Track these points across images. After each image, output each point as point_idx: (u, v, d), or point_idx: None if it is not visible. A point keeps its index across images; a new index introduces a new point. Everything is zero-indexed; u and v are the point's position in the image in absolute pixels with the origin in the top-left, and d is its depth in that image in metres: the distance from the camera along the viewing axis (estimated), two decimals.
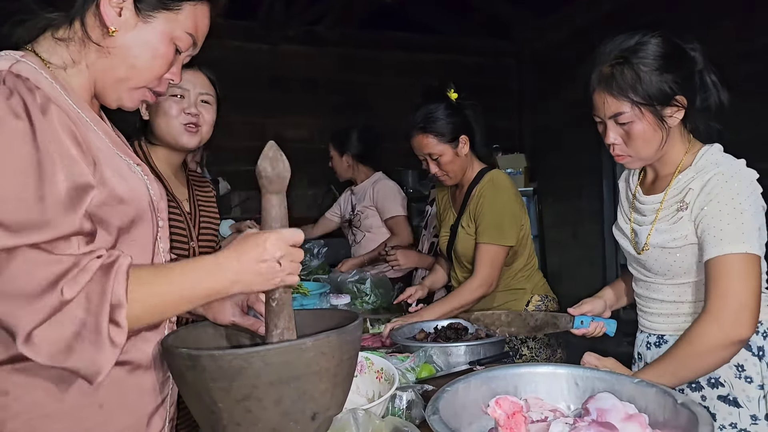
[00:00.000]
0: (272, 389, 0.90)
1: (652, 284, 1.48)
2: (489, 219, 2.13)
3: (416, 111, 2.21)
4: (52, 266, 0.81)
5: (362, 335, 1.43)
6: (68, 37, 0.99)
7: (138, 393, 1.01)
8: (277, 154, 0.95)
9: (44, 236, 0.82)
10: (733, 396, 1.36)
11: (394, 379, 1.26)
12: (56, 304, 0.80)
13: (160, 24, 0.99)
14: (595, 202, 4.88)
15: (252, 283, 0.94)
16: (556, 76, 5.20)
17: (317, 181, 5.30)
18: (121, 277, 0.85)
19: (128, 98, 1.04)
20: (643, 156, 1.41)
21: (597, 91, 1.39)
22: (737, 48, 3.49)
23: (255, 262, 0.93)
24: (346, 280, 2.73)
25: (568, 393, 1.14)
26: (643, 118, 1.35)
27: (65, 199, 0.85)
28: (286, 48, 5.16)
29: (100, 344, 0.82)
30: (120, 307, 0.84)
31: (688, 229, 1.36)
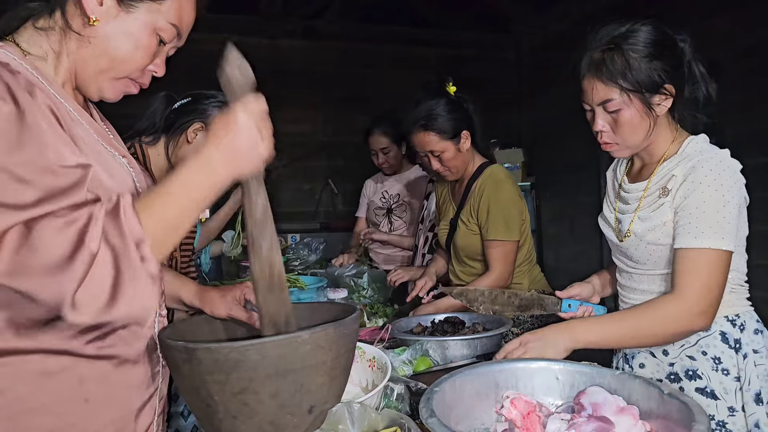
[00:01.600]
0: (269, 382, 0.90)
1: (635, 274, 1.49)
2: (496, 215, 2.12)
3: (416, 107, 2.17)
4: (72, 225, 0.80)
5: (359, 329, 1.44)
6: (49, 27, 0.98)
7: (125, 388, 1.00)
8: (242, 59, 0.94)
9: (63, 203, 0.81)
10: (710, 388, 1.37)
11: (388, 368, 1.27)
12: (88, 260, 0.79)
13: (142, 14, 0.98)
14: (593, 197, 4.88)
15: (242, 163, 0.92)
16: (555, 70, 5.17)
17: (315, 175, 5.31)
18: (131, 213, 0.84)
19: (110, 89, 1.03)
20: (630, 144, 1.42)
21: (587, 77, 1.39)
22: (738, 42, 3.48)
23: (235, 141, 0.91)
24: (344, 275, 2.74)
25: (548, 388, 1.14)
26: (631, 105, 1.36)
27: (76, 170, 0.85)
28: (286, 42, 5.15)
29: (139, 283, 0.82)
30: (143, 241, 0.83)
31: (668, 216, 1.36)
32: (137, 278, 0.82)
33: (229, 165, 0.91)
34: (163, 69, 1.07)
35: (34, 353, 0.90)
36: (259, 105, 0.93)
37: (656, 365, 1.46)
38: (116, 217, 0.83)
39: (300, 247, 3.30)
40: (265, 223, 0.98)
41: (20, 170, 0.80)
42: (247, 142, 0.91)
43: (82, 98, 1.06)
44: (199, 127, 1.88)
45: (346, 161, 5.33)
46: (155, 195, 0.90)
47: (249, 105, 0.92)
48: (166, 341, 0.96)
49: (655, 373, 1.46)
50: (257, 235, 0.97)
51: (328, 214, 5.32)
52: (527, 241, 2.29)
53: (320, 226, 4.95)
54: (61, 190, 0.82)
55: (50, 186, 0.81)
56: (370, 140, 3.25)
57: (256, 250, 0.98)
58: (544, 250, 5.30)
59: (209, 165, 0.90)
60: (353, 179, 5.23)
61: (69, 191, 0.83)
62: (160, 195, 0.89)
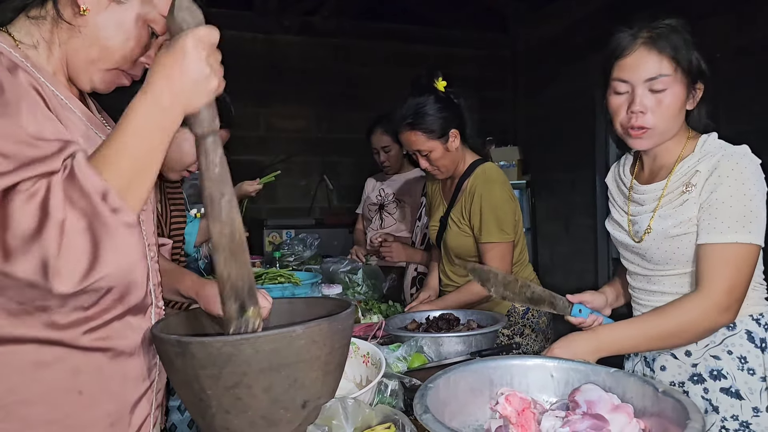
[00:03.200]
0: (262, 377, 0.90)
1: (652, 276, 1.47)
2: (488, 217, 2.09)
3: (404, 105, 2.11)
4: (34, 198, 0.77)
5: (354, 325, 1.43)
6: (40, 16, 0.97)
7: (121, 380, 1.00)
8: (191, 2, 0.89)
9: (34, 171, 0.79)
10: (735, 388, 1.35)
11: (381, 363, 1.26)
12: (57, 229, 0.76)
13: (134, 5, 0.98)
14: (588, 196, 4.89)
15: (191, 95, 0.86)
16: (551, 68, 5.20)
17: (310, 171, 5.30)
18: (86, 168, 0.80)
19: (101, 80, 1.02)
20: (664, 129, 1.37)
21: (639, 50, 1.34)
22: (734, 42, 3.49)
23: (183, 73, 0.85)
24: (338, 270, 2.74)
25: (543, 385, 1.14)
26: (679, 86, 1.34)
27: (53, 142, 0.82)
28: (282, 38, 5.14)
29: (116, 235, 0.80)
30: (108, 192, 0.80)
31: (693, 211, 1.34)
32: (113, 231, 0.80)
33: (179, 97, 0.85)
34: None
35: (28, 343, 0.90)
36: (210, 33, 0.87)
37: (678, 367, 1.44)
38: (73, 178, 0.79)
39: (295, 243, 3.29)
40: (224, 181, 0.90)
41: None
42: (197, 72, 0.85)
43: (77, 90, 1.06)
44: None
45: (341, 157, 5.32)
46: (110, 145, 0.85)
47: (198, 33, 0.86)
48: (159, 335, 0.95)
49: (677, 376, 1.43)
50: (215, 194, 0.90)
51: (323, 210, 5.32)
52: (520, 241, 2.26)
53: (315, 222, 4.94)
54: (35, 159, 0.79)
55: (25, 156, 0.79)
56: (372, 138, 3.26)
57: (215, 210, 0.90)
58: (539, 249, 5.31)
59: (157, 100, 0.85)
60: (348, 175, 5.24)
61: (43, 160, 0.80)
62: (115, 143, 0.85)
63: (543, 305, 1.53)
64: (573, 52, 4.81)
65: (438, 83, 2.14)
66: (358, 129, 3.38)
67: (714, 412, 1.36)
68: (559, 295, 1.55)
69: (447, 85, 2.15)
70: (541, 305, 1.53)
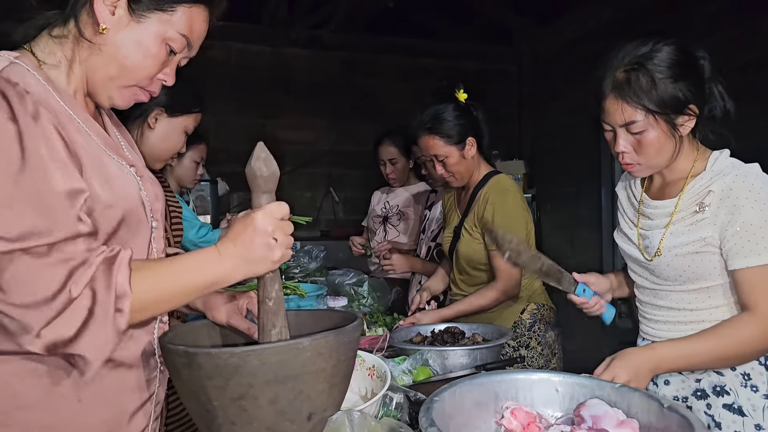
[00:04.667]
0: (268, 388, 0.90)
1: (660, 291, 1.47)
2: (501, 223, 2.10)
3: (424, 111, 2.17)
4: (61, 266, 0.83)
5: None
6: (63, 35, 1.00)
7: (119, 390, 1.01)
8: (268, 155, 0.96)
9: (50, 238, 0.84)
10: (738, 405, 1.35)
11: (387, 376, 1.26)
12: (65, 303, 0.82)
13: (152, 24, 1.00)
14: (593, 209, 4.88)
15: (252, 264, 0.94)
16: (556, 82, 5.22)
17: (317, 183, 5.32)
18: (124, 269, 0.87)
19: (119, 96, 1.05)
20: (654, 164, 1.40)
21: (610, 97, 1.36)
22: (737, 58, 3.50)
23: (250, 242, 0.93)
24: (344, 283, 2.74)
25: (548, 399, 1.14)
26: (657, 126, 1.33)
27: (64, 202, 0.87)
28: (289, 51, 5.17)
29: (105, 330, 0.85)
30: (125, 296, 0.86)
31: (707, 232, 1.34)
32: (105, 327, 0.85)
33: (241, 263, 0.94)
34: (173, 78, 1.09)
35: (27, 354, 0.91)
36: (280, 210, 0.95)
37: (681, 382, 1.44)
38: (110, 268, 0.86)
39: (300, 255, 3.30)
40: (277, 313, 1.00)
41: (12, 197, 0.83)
42: (261, 246, 0.93)
43: (94, 106, 1.08)
44: (159, 111, 1.87)
45: (347, 170, 5.34)
46: (161, 264, 0.94)
47: (269, 210, 0.94)
48: (167, 345, 0.96)
49: (680, 391, 1.44)
50: (267, 325, 1.00)
51: (328, 222, 5.32)
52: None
53: (321, 233, 4.95)
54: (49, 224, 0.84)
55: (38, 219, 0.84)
56: (380, 150, 3.30)
57: (265, 338, 1.00)
58: None
59: (221, 258, 0.93)
60: (354, 188, 5.25)
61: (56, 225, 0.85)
62: (166, 266, 0.93)
63: (550, 279, 1.51)
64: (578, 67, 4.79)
65: (459, 94, 2.20)
66: (365, 141, 3.41)
67: (717, 428, 1.36)
68: (566, 272, 1.54)
69: (468, 98, 2.20)
70: (549, 278, 1.51)
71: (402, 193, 3.37)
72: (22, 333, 0.83)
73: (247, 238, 0.93)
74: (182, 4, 1.01)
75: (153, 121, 1.88)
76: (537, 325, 2.20)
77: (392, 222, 3.35)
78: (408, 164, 3.30)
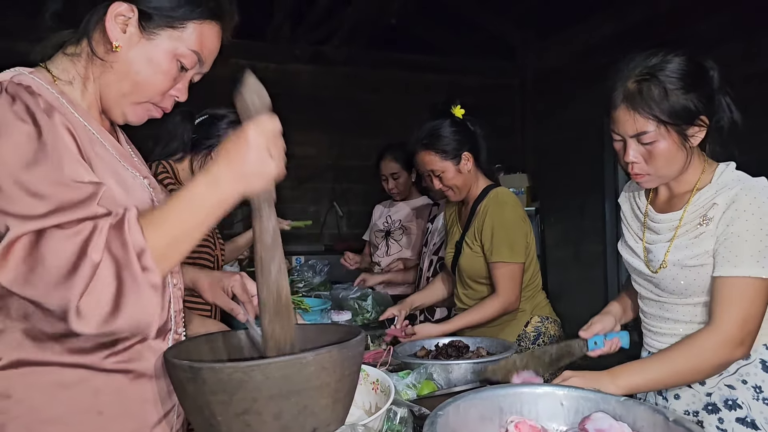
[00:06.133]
0: (272, 403, 0.90)
1: (665, 304, 1.46)
2: (499, 237, 2.11)
3: (421, 127, 2.21)
4: (75, 237, 0.82)
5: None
6: (76, 53, 1.02)
7: (140, 402, 1.01)
8: (260, 84, 0.95)
9: (72, 216, 0.83)
10: (751, 418, 1.34)
11: (391, 391, 1.26)
12: (90, 270, 0.81)
13: (163, 41, 1.01)
14: (597, 222, 4.88)
15: (250, 181, 0.92)
16: (559, 96, 5.24)
17: (319, 198, 5.34)
18: (135, 225, 0.86)
19: (132, 113, 1.06)
20: (663, 175, 1.39)
21: (621, 108, 1.35)
22: (741, 71, 3.51)
23: (244, 158, 0.90)
24: (348, 297, 2.74)
25: (553, 413, 1.14)
26: (668, 137, 1.33)
27: (88, 186, 0.87)
28: (293, 67, 5.21)
29: (141, 292, 0.84)
30: (144, 252, 0.85)
31: (711, 245, 1.34)
32: (139, 288, 0.84)
33: (238, 182, 0.91)
34: (185, 94, 1.10)
35: (52, 365, 0.93)
36: (272, 124, 0.93)
37: (692, 396, 1.43)
38: (120, 229, 0.85)
39: (304, 269, 3.31)
40: (275, 248, 0.98)
41: (35, 185, 0.83)
42: (257, 160, 0.91)
43: (109, 123, 1.10)
44: None
45: (351, 184, 5.36)
46: (162, 209, 0.91)
47: (262, 124, 0.92)
48: (171, 360, 0.96)
49: (691, 405, 1.43)
50: (266, 259, 0.97)
51: (332, 236, 5.33)
52: (532, 265, 2.27)
53: (325, 248, 4.96)
54: (73, 203, 0.84)
55: (62, 199, 0.84)
56: (382, 165, 3.31)
57: (265, 273, 0.98)
58: (549, 275, 5.28)
59: (217, 181, 0.91)
60: (358, 202, 5.26)
61: (80, 204, 0.85)
62: (167, 209, 0.91)
63: (564, 359, 1.55)
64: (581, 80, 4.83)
65: (456, 110, 2.23)
66: (368, 156, 3.43)
67: None
68: (572, 340, 1.56)
69: (465, 113, 2.23)
70: (563, 360, 1.55)
71: (404, 207, 3.38)
72: (65, 312, 0.81)
73: (241, 154, 0.90)
74: (192, 20, 1.03)
75: None
76: (541, 338, 2.19)
77: (395, 236, 3.35)
78: (410, 178, 3.32)
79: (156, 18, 1.00)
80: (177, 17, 1.01)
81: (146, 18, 1.00)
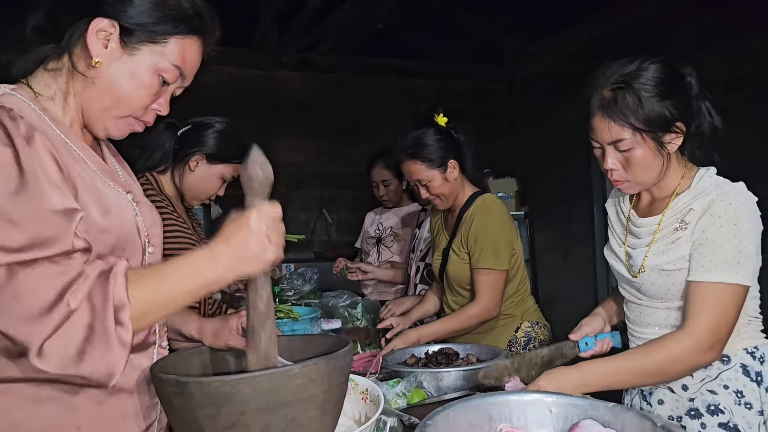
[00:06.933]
0: (260, 416, 0.89)
1: (646, 308, 1.48)
2: (484, 244, 2.12)
3: (405, 137, 2.20)
4: (58, 278, 0.83)
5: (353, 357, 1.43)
6: (58, 68, 1.02)
7: (119, 417, 1.01)
8: (264, 159, 0.97)
9: (49, 251, 0.84)
10: (733, 423, 1.35)
11: (380, 400, 1.26)
12: (64, 315, 0.82)
13: (145, 56, 1.01)
14: (586, 226, 4.91)
15: (246, 265, 0.94)
16: (547, 101, 5.27)
17: (310, 205, 5.33)
18: (121, 279, 0.87)
19: (114, 127, 1.06)
20: (642, 181, 1.41)
21: (597, 116, 1.37)
22: (725, 75, 3.55)
23: (243, 242, 0.93)
24: (338, 305, 2.73)
25: (542, 421, 1.13)
26: (644, 144, 1.34)
27: (60, 219, 0.87)
28: (280, 74, 5.21)
29: (109, 345, 0.85)
30: (123, 308, 0.86)
31: (687, 250, 1.35)
32: (108, 341, 0.85)
33: (236, 264, 0.94)
34: (167, 108, 1.10)
35: (28, 381, 0.92)
36: (273, 211, 0.95)
37: (675, 401, 1.44)
38: (106, 280, 0.86)
39: (294, 277, 3.30)
40: (267, 317, 0.99)
41: (12, 213, 0.83)
42: (256, 246, 0.93)
43: (91, 137, 1.10)
44: (200, 157, 2.06)
45: (340, 191, 5.35)
46: (157, 271, 0.94)
47: (263, 210, 0.94)
48: (158, 375, 0.95)
49: (675, 410, 1.43)
50: (257, 327, 0.99)
51: (322, 243, 5.32)
52: (520, 270, 2.28)
53: (314, 255, 4.94)
54: (48, 238, 0.85)
55: (38, 233, 0.84)
56: (373, 172, 3.32)
57: (255, 341, 0.99)
58: (539, 280, 5.30)
59: (215, 260, 0.93)
60: (348, 209, 5.26)
61: (55, 240, 0.85)
62: (162, 272, 0.93)
63: (556, 361, 1.55)
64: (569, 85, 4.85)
65: (438, 118, 2.23)
66: (358, 163, 3.42)
67: None
68: (563, 342, 1.57)
69: (447, 121, 2.22)
70: (555, 362, 1.55)
71: (395, 214, 3.38)
72: (26, 349, 0.82)
73: (241, 238, 0.93)
74: (174, 35, 1.03)
75: (194, 164, 2.06)
76: (532, 342, 2.20)
77: (386, 243, 3.35)
78: (401, 185, 3.32)
79: (137, 33, 1.00)
80: (158, 33, 1.01)
81: (127, 33, 1.00)
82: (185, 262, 0.94)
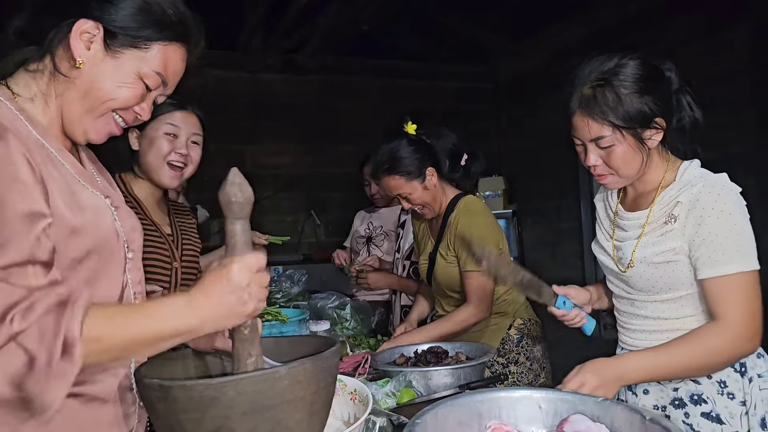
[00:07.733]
0: (246, 419, 0.88)
1: (636, 301, 1.48)
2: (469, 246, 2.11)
3: (378, 153, 2.19)
4: (5, 297, 0.79)
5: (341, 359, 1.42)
6: (39, 70, 1.01)
7: (95, 425, 0.99)
8: (243, 180, 0.94)
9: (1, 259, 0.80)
10: (716, 413, 1.36)
11: (369, 400, 1.25)
12: (5, 336, 0.77)
13: (127, 60, 1.01)
14: (573, 223, 4.93)
15: (223, 318, 0.90)
16: (533, 99, 5.29)
17: (296, 207, 5.31)
18: (78, 313, 0.81)
19: (93, 129, 1.04)
20: (624, 176, 1.42)
21: (577, 114, 1.38)
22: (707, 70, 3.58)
23: (222, 296, 0.88)
24: (326, 306, 2.72)
25: (531, 417, 1.14)
26: (623, 141, 1.35)
27: (19, 224, 0.84)
28: (266, 76, 5.20)
29: (49, 379, 0.79)
30: (74, 343, 0.80)
31: (677, 243, 1.36)
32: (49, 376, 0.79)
33: (211, 317, 0.89)
34: (149, 114, 1.08)
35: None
36: (256, 262, 0.90)
37: (660, 391, 1.44)
38: (62, 309, 0.81)
39: (282, 279, 3.27)
40: (253, 341, 0.97)
41: None
42: (236, 302, 0.89)
43: (70, 143, 1.08)
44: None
45: (328, 192, 5.34)
46: (130, 310, 0.91)
47: (245, 261, 0.90)
48: (142, 380, 0.93)
49: (660, 400, 1.44)
50: (243, 354, 0.97)
51: (310, 245, 5.31)
52: None
53: (303, 257, 4.93)
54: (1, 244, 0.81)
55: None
56: (365, 170, 3.31)
57: (241, 368, 0.97)
58: None
59: (190, 308, 0.88)
60: (335, 211, 5.25)
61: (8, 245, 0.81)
62: (134, 312, 0.89)
63: (531, 291, 1.53)
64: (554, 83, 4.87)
65: (408, 127, 2.22)
66: (345, 164, 3.42)
67: None
68: (545, 284, 1.55)
69: (417, 127, 2.22)
70: (529, 291, 1.53)
71: (386, 213, 3.38)
72: None
73: (220, 292, 0.88)
74: (157, 41, 1.02)
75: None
76: (525, 340, 2.20)
77: (376, 242, 3.35)
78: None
79: (121, 37, 0.99)
80: (142, 38, 1.01)
81: (111, 36, 0.99)
82: (161, 307, 0.89)
